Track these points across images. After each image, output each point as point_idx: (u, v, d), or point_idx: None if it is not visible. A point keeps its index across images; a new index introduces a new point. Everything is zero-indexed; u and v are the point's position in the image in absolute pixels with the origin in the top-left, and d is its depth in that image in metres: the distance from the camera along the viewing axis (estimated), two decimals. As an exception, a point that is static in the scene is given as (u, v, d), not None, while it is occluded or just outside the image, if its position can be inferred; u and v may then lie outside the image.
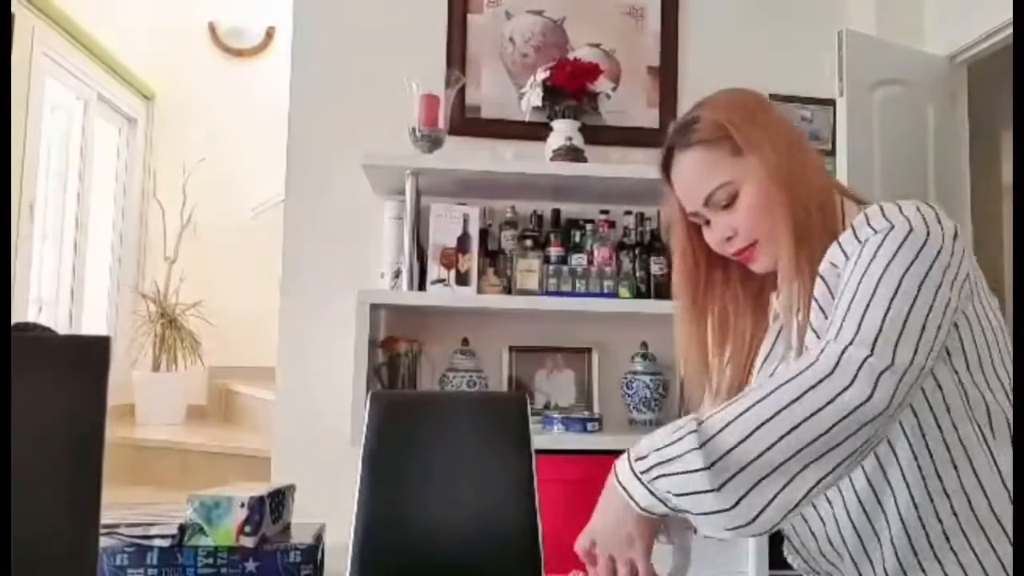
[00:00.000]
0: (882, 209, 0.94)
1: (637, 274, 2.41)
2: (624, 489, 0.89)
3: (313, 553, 1.23)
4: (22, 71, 3.79)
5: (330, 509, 1.47)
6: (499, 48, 2.61)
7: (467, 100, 2.55)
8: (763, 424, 0.81)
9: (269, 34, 5.33)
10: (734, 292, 1.13)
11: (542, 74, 2.40)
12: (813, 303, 0.96)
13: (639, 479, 0.87)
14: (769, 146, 1.02)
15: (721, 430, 0.83)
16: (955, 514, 0.91)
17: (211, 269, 4.82)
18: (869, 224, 0.93)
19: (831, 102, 2.52)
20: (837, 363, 0.83)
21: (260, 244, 4.40)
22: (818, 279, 0.96)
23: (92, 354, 0.90)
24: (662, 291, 2.39)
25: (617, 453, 1.19)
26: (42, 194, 4.15)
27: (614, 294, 2.32)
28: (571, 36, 2.64)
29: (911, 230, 0.91)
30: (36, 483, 0.86)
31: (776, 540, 1.13)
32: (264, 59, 5.27)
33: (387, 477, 1.42)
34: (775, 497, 0.80)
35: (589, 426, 2.23)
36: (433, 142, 2.27)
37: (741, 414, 0.83)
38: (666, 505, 0.85)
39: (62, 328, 4.23)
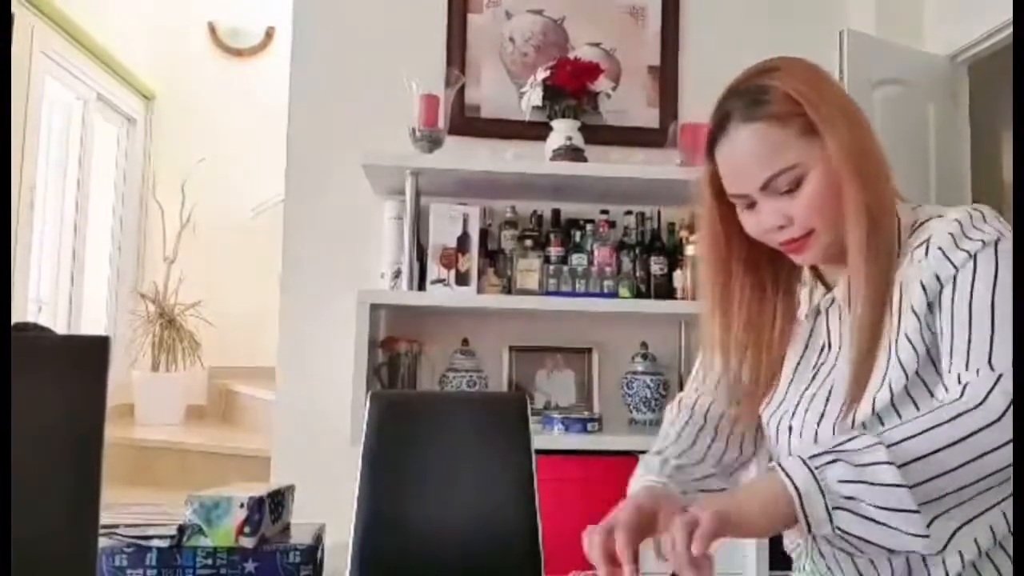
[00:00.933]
0: (972, 219, 0.91)
1: (637, 274, 2.40)
2: (784, 471, 0.78)
3: (313, 553, 1.23)
4: (22, 70, 3.78)
5: (330, 509, 1.47)
6: (499, 48, 2.61)
7: (467, 100, 2.55)
8: (943, 449, 0.78)
9: (269, 34, 5.33)
10: (761, 284, 1.06)
11: (542, 73, 2.40)
12: (910, 316, 0.92)
13: (806, 465, 0.78)
14: (844, 126, 0.93)
15: (905, 439, 0.79)
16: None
17: (211, 269, 4.82)
18: (968, 235, 0.90)
19: (831, 102, 2.52)
20: (1007, 409, 0.80)
21: (260, 244, 4.39)
22: (917, 287, 0.92)
23: (92, 354, 0.90)
24: (662, 291, 2.39)
25: (617, 453, 1.18)
26: (41, 194, 4.15)
27: (614, 294, 2.32)
28: (571, 35, 2.64)
29: (1010, 241, 0.89)
30: (36, 483, 0.86)
31: (776, 540, 1.11)
32: (264, 59, 5.27)
33: (387, 477, 1.42)
34: (956, 516, 0.81)
35: (589, 426, 2.23)
36: (433, 142, 2.26)
37: (922, 432, 0.79)
38: (824, 498, 0.76)
39: (61, 328, 4.23)
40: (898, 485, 0.75)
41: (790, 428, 1.02)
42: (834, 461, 0.77)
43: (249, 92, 5.04)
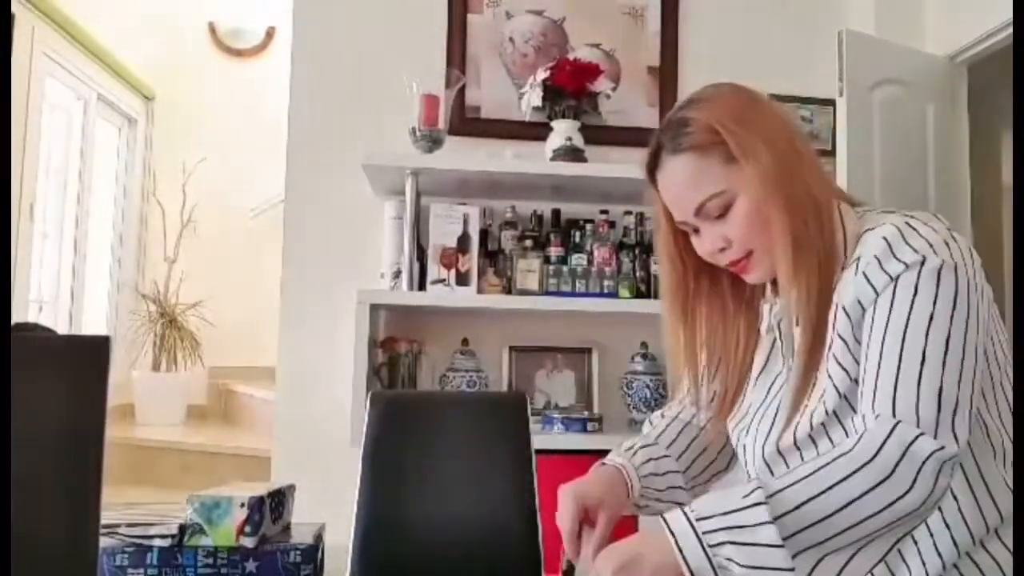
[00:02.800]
0: (902, 234, 0.90)
1: (637, 274, 2.40)
2: (678, 547, 0.82)
3: (313, 553, 1.23)
4: (22, 71, 3.78)
5: (330, 509, 1.47)
6: (499, 48, 2.61)
7: (467, 100, 2.55)
8: (832, 515, 0.82)
9: (269, 34, 5.33)
10: (723, 301, 1.09)
11: (542, 74, 2.40)
12: (836, 338, 0.93)
13: (700, 541, 0.81)
14: (764, 152, 0.95)
15: (793, 510, 0.82)
16: (971, 533, 0.93)
17: (211, 269, 4.82)
18: (895, 255, 0.89)
19: (831, 102, 2.52)
20: (900, 459, 0.82)
21: (260, 244, 4.40)
22: (840, 312, 0.92)
23: (92, 354, 0.90)
24: (662, 291, 2.39)
25: (617, 453, 1.16)
26: (42, 194, 4.15)
27: (614, 294, 2.32)
28: (571, 36, 2.64)
29: (942, 263, 0.87)
30: (36, 483, 0.86)
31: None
32: (264, 59, 5.27)
33: (387, 477, 1.42)
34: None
35: (589, 426, 2.23)
36: (433, 142, 2.26)
37: (812, 499, 0.82)
38: (715, 571, 0.81)
39: (62, 328, 4.23)
40: (776, 546, 0.79)
41: (744, 446, 1.05)
42: (723, 540, 0.80)
43: (249, 92, 5.04)
